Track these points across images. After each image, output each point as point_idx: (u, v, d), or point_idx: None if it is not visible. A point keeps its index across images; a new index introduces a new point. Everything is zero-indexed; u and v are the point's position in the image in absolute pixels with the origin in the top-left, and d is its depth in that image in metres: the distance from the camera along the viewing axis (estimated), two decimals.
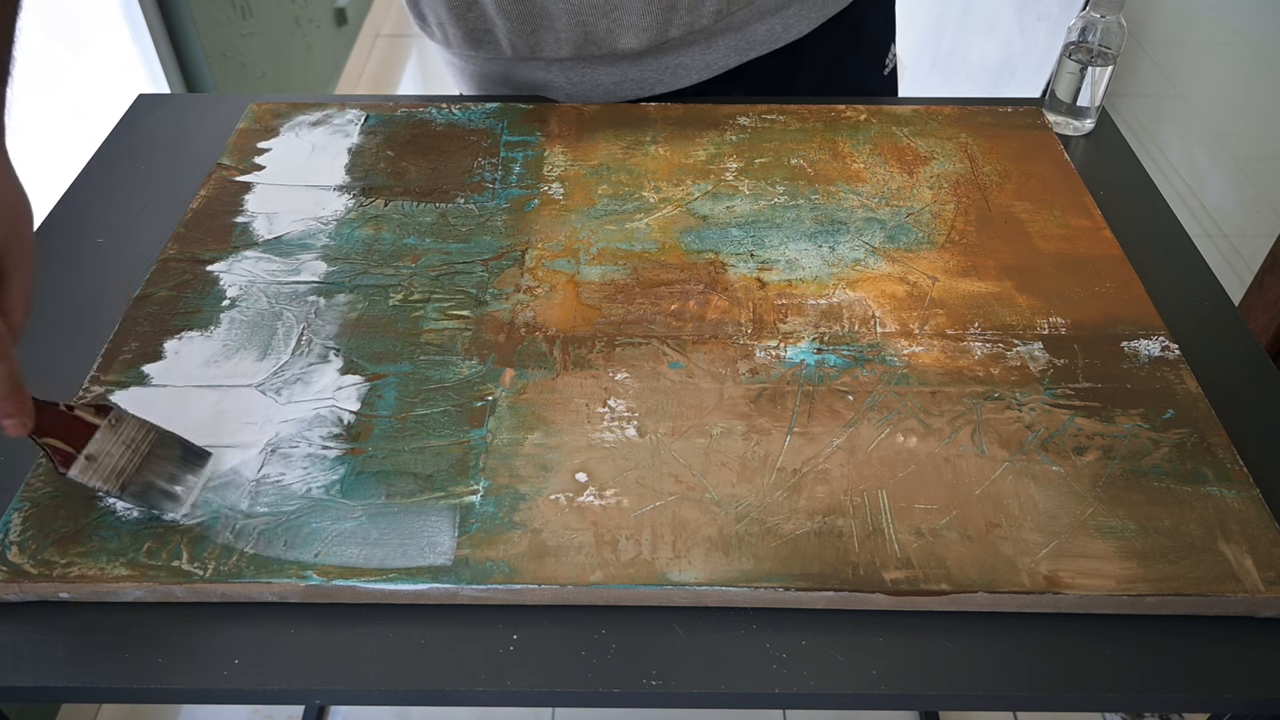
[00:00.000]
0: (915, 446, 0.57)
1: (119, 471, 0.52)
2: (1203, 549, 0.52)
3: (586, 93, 0.88)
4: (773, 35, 0.86)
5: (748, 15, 0.84)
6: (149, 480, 0.53)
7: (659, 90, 0.88)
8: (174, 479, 0.53)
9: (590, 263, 0.70)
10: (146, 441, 0.53)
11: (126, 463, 0.52)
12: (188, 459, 0.54)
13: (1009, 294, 0.67)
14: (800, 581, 0.51)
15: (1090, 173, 0.80)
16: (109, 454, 0.52)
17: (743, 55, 0.87)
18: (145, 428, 0.54)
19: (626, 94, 0.88)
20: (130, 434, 0.53)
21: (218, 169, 0.78)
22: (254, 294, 0.67)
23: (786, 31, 0.86)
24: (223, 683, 0.49)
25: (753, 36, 0.85)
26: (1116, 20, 0.80)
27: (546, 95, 0.89)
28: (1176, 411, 0.59)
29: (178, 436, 0.55)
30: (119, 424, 0.53)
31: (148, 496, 0.53)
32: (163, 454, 0.54)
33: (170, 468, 0.54)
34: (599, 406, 0.59)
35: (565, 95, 0.89)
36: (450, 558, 0.51)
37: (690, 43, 0.84)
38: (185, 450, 0.55)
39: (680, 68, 0.86)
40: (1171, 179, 2.17)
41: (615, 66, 0.85)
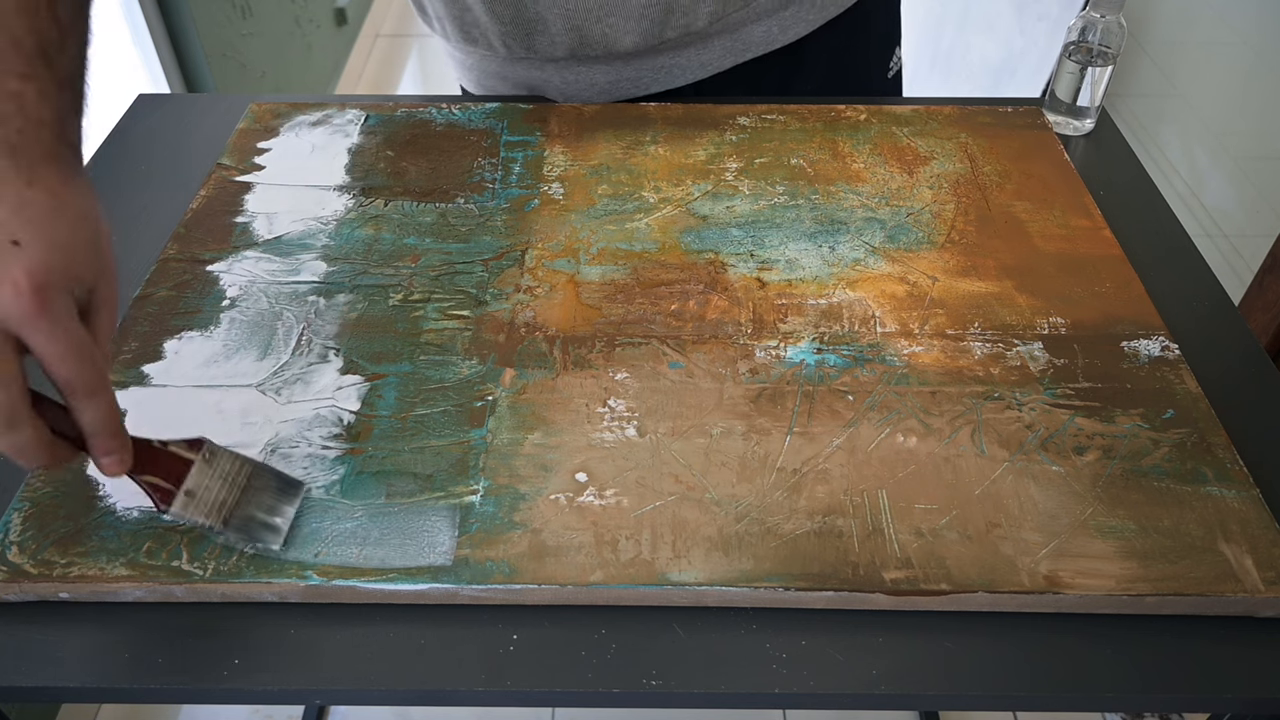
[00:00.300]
0: (915, 446, 0.57)
1: (220, 505, 0.51)
2: (1203, 549, 0.52)
3: (581, 91, 0.88)
4: (769, 37, 0.86)
5: (743, 17, 0.84)
6: (250, 513, 0.52)
7: (654, 89, 0.88)
8: (273, 510, 0.52)
9: (590, 263, 0.70)
10: (242, 474, 0.52)
11: (226, 496, 0.51)
12: (283, 489, 0.53)
13: (1009, 294, 0.67)
14: (800, 581, 0.51)
15: (1090, 173, 0.80)
16: (208, 488, 0.51)
17: (739, 56, 0.86)
18: (239, 461, 0.53)
19: (622, 93, 0.88)
20: (225, 467, 0.52)
21: (218, 169, 0.78)
22: (254, 294, 0.67)
23: (784, 33, 0.86)
24: (223, 683, 0.49)
25: (749, 38, 0.85)
26: (1116, 20, 0.80)
27: (542, 93, 0.89)
28: (1176, 411, 0.59)
29: (270, 467, 0.54)
30: (213, 458, 0.51)
31: (250, 529, 0.52)
32: (259, 485, 0.53)
33: (268, 499, 0.53)
34: (599, 406, 0.59)
35: (560, 94, 0.89)
36: (450, 558, 0.51)
37: (686, 44, 0.84)
38: (280, 480, 0.54)
39: (675, 68, 0.86)
40: (1171, 179, 2.17)
41: (610, 66, 0.85)
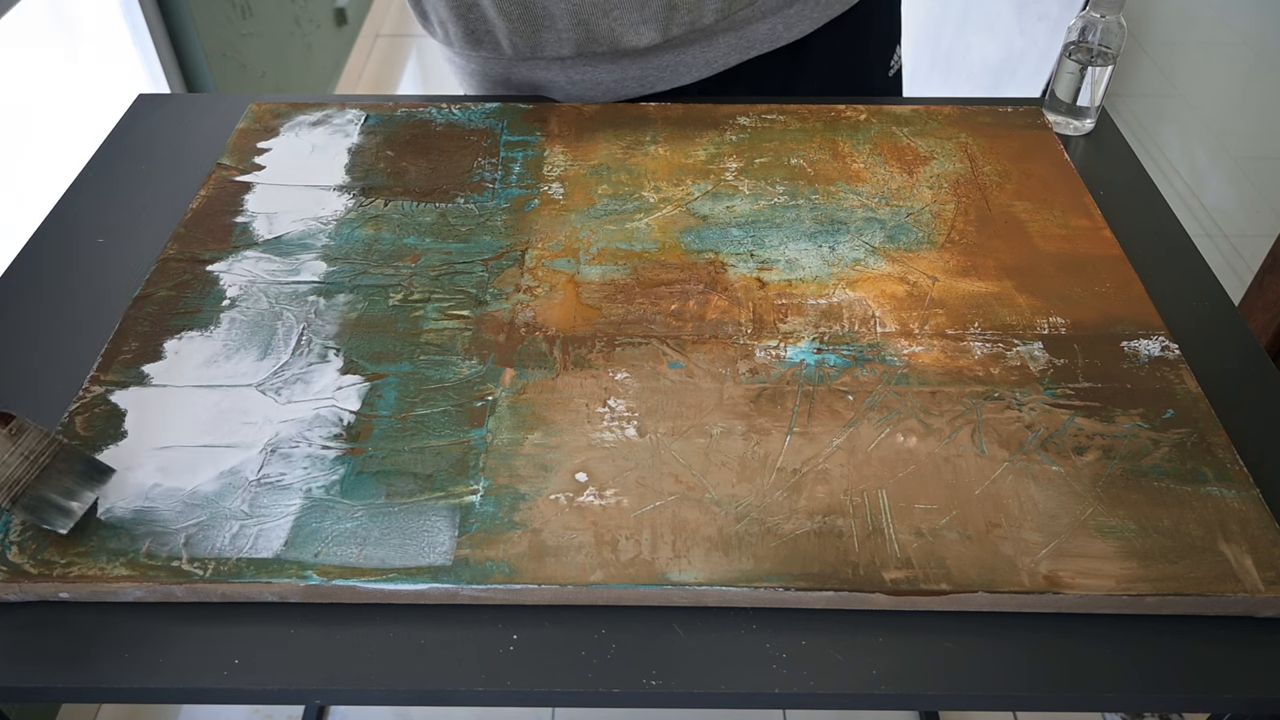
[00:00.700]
0: (915, 446, 0.57)
1: (13, 483, 0.51)
2: (1203, 549, 0.52)
3: (587, 91, 0.88)
4: (774, 34, 0.86)
5: (749, 14, 0.84)
6: (42, 494, 0.52)
7: (660, 88, 0.88)
8: (69, 494, 0.52)
9: (590, 263, 0.70)
10: (47, 454, 0.52)
11: (24, 474, 0.51)
12: (88, 474, 0.53)
13: (1009, 294, 0.67)
14: (800, 581, 0.51)
15: (1090, 173, 0.80)
16: (4, 464, 0.51)
17: (743, 54, 0.86)
18: (47, 440, 0.52)
19: (627, 92, 0.88)
20: (30, 445, 0.52)
21: (218, 169, 0.78)
22: (254, 294, 0.67)
23: (788, 31, 0.86)
24: (223, 683, 0.49)
25: (753, 35, 0.85)
26: (1116, 20, 0.80)
27: (547, 94, 0.89)
28: (1176, 411, 0.59)
29: (81, 452, 0.54)
30: (19, 434, 0.52)
31: (39, 509, 0.52)
32: (63, 467, 0.52)
33: (68, 482, 0.52)
34: (599, 406, 0.59)
35: (565, 94, 0.89)
36: (450, 558, 0.51)
37: (691, 41, 0.84)
38: (87, 465, 0.53)
39: (681, 65, 0.86)
40: (1171, 179, 2.17)
41: (616, 64, 0.85)
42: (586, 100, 0.89)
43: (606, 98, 0.88)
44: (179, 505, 0.54)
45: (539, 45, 0.83)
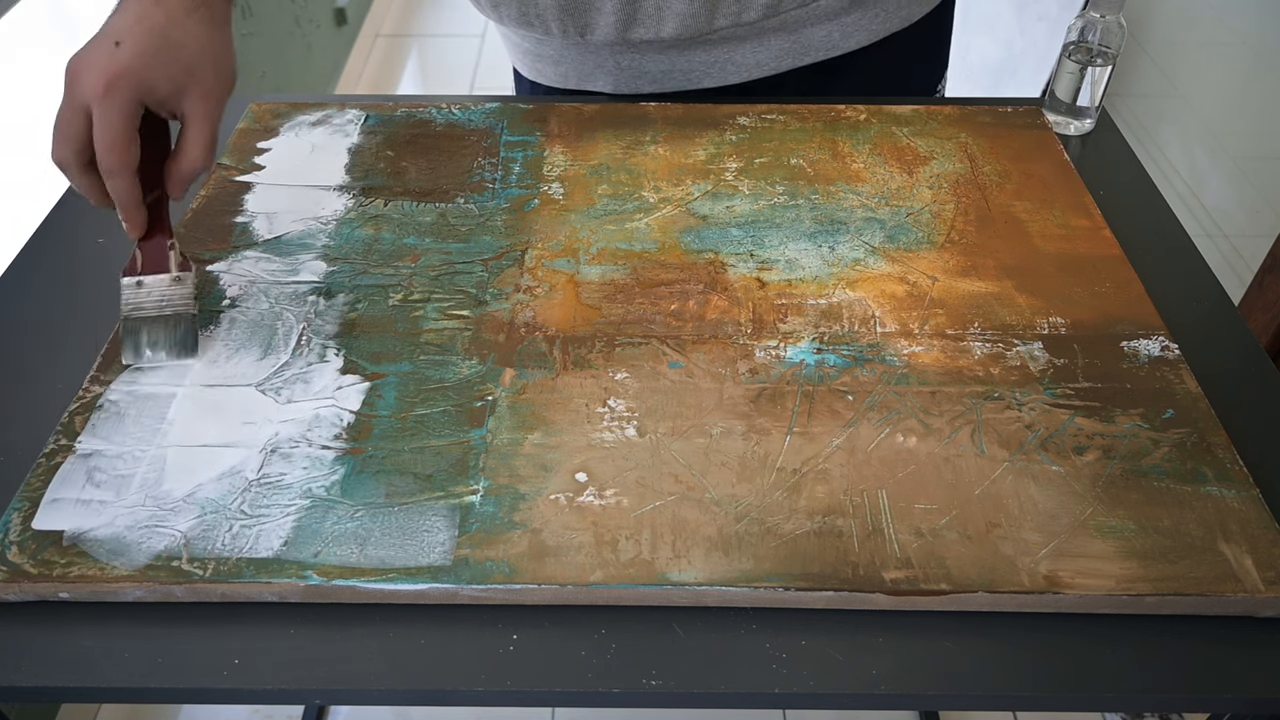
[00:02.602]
0: (915, 446, 0.57)
1: (140, 306, 0.62)
2: (1203, 549, 0.52)
3: (634, 81, 0.87)
4: (830, 41, 0.85)
5: (803, 17, 0.83)
6: (141, 331, 0.62)
7: (706, 84, 0.87)
8: (155, 344, 0.62)
9: (590, 263, 0.70)
10: (173, 308, 0.62)
11: (151, 306, 0.62)
12: (182, 346, 0.62)
13: (1009, 294, 0.67)
14: (800, 581, 0.51)
15: (1090, 173, 0.80)
16: (149, 292, 0.62)
17: (797, 59, 0.86)
18: (186, 303, 0.63)
19: (674, 85, 0.87)
20: (175, 293, 0.63)
21: (218, 169, 0.78)
22: (254, 294, 0.67)
23: (845, 40, 0.85)
24: (223, 683, 0.49)
25: (809, 40, 0.85)
26: (1116, 20, 0.80)
27: (595, 81, 0.89)
28: (1176, 411, 0.59)
29: (194, 329, 0.63)
30: (177, 284, 0.63)
31: (132, 335, 0.62)
32: (170, 324, 0.62)
33: (162, 336, 0.62)
34: (599, 406, 0.59)
35: (614, 82, 0.88)
36: (450, 558, 0.51)
37: (741, 38, 0.84)
38: (185, 339, 0.62)
39: (730, 63, 0.86)
40: (1171, 179, 2.17)
41: (663, 55, 0.85)
42: (634, 90, 0.88)
43: (653, 89, 0.88)
44: (179, 505, 0.54)
45: (586, 26, 0.83)
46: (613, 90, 0.89)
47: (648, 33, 0.82)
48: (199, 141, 0.59)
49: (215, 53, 0.59)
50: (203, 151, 0.60)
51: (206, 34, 0.59)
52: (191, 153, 0.59)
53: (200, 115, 0.59)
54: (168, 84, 0.58)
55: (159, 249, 0.63)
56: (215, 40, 0.60)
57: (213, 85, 0.59)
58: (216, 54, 0.60)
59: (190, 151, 0.60)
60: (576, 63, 0.89)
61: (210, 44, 0.59)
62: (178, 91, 0.58)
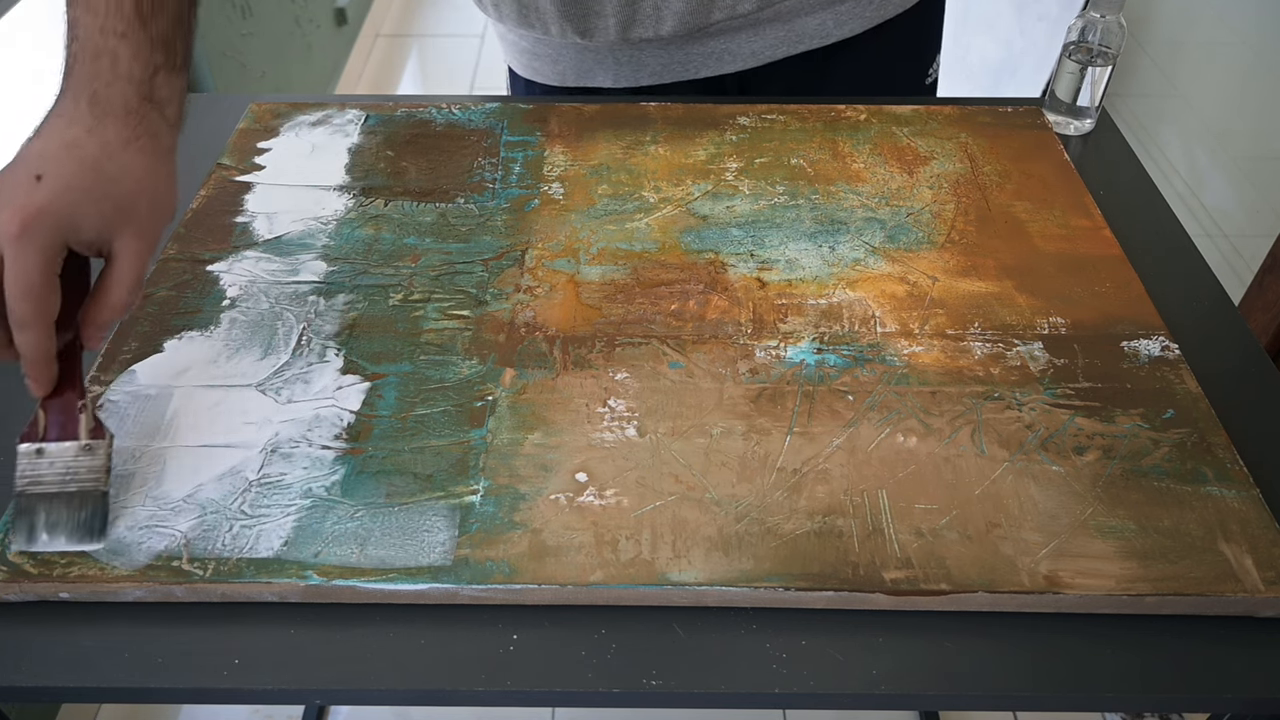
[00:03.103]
0: (915, 446, 0.57)
1: (38, 480, 0.52)
2: (1203, 549, 0.52)
3: (633, 74, 0.88)
4: (824, 30, 0.86)
5: (797, 6, 0.83)
6: (36, 511, 0.51)
7: (703, 74, 0.88)
8: (52, 527, 0.51)
9: (590, 263, 0.70)
10: (79, 483, 0.52)
11: (53, 479, 0.52)
12: (86, 527, 0.52)
13: (1009, 294, 0.67)
14: (800, 581, 0.51)
15: (1090, 173, 0.80)
16: (53, 464, 0.52)
17: (792, 46, 0.86)
18: (98, 476, 0.52)
19: (671, 76, 0.88)
20: (84, 465, 0.52)
21: (218, 169, 0.78)
22: (254, 294, 0.67)
23: (839, 28, 0.86)
24: (223, 683, 0.49)
25: (803, 29, 0.85)
26: (1116, 20, 0.80)
27: (593, 79, 0.89)
28: (1176, 411, 0.59)
29: (105, 510, 0.53)
30: (87, 454, 0.52)
31: (20, 517, 0.51)
32: (74, 502, 0.52)
33: (63, 519, 0.52)
34: (599, 406, 0.59)
35: (612, 78, 0.89)
36: (450, 558, 0.51)
37: (736, 29, 0.84)
38: (92, 519, 0.52)
39: (726, 53, 0.86)
40: (1171, 179, 2.17)
41: (662, 50, 0.86)
42: (632, 84, 0.89)
43: (650, 81, 0.88)
44: (179, 505, 0.54)
45: (586, 29, 0.83)
46: (611, 85, 0.89)
47: (647, 31, 0.82)
48: (124, 283, 0.52)
49: (154, 187, 0.53)
50: (128, 294, 0.52)
51: (146, 167, 0.52)
52: (115, 295, 0.52)
53: (130, 254, 0.52)
54: (97, 223, 0.50)
55: (67, 411, 0.52)
56: (156, 173, 0.53)
57: (147, 224, 0.52)
58: (155, 189, 0.53)
59: (114, 294, 0.52)
60: (575, 61, 0.89)
61: (148, 177, 0.52)
62: (107, 231, 0.51)
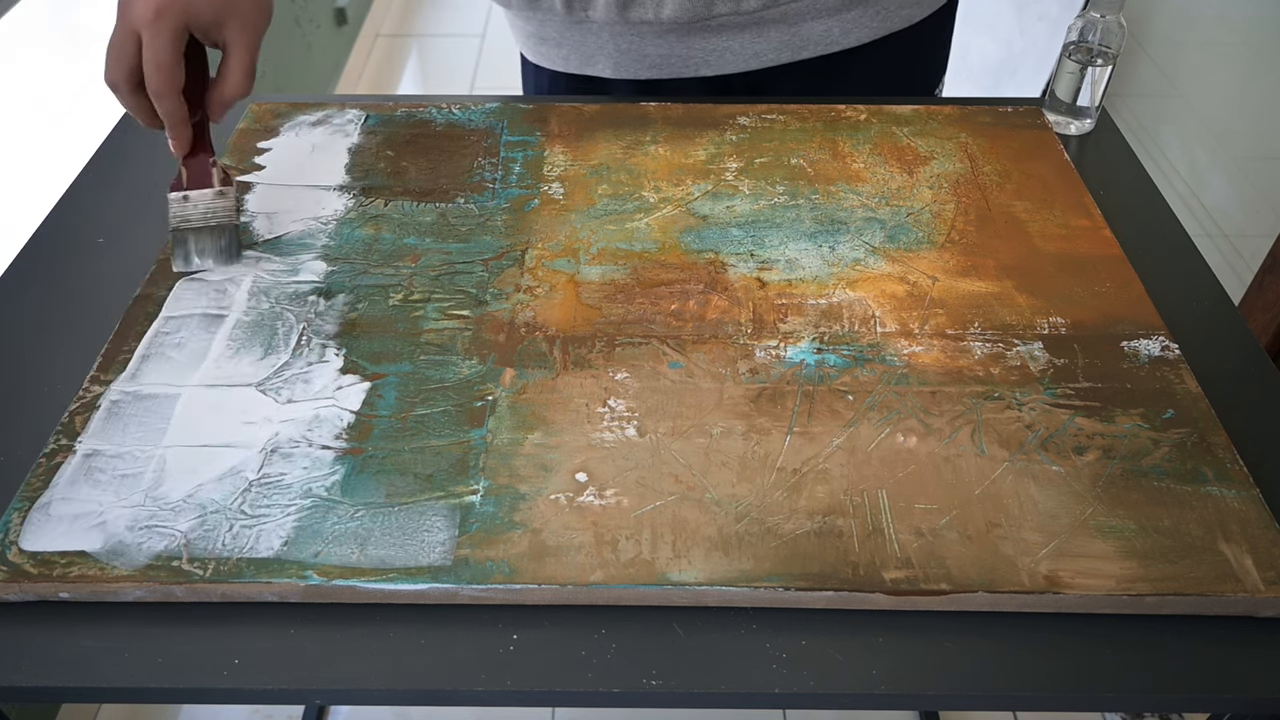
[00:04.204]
0: (915, 446, 0.57)
1: (186, 219, 0.68)
2: (1203, 549, 0.52)
3: (633, 64, 0.88)
4: (829, 37, 0.86)
5: (802, 10, 0.83)
6: (187, 240, 0.68)
7: (704, 72, 0.88)
8: (202, 253, 0.68)
9: (590, 262, 0.70)
10: (218, 219, 0.69)
11: (197, 217, 0.68)
12: (227, 251, 0.69)
13: (1009, 294, 0.67)
14: (800, 581, 0.51)
15: (1090, 173, 0.80)
16: (196, 205, 0.68)
17: (795, 52, 0.86)
18: (229, 214, 0.69)
19: (672, 70, 0.88)
20: (221, 204, 0.69)
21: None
22: (254, 294, 0.67)
23: (844, 36, 0.86)
24: (223, 683, 0.49)
25: (807, 34, 0.85)
26: (1116, 20, 0.80)
27: (595, 64, 0.89)
28: (1176, 411, 0.59)
29: (238, 236, 0.70)
30: (221, 198, 0.69)
31: (180, 245, 0.68)
32: (215, 234, 0.68)
33: (208, 244, 0.68)
34: (599, 406, 0.59)
35: (614, 66, 0.89)
36: (450, 558, 0.51)
37: (740, 26, 0.84)
38: (230, 245, 0.69)
39: (728, 52, 0.86)
40: (1171, 179, 2.17)
41: (662, 39, 0.86)
42: (633, 75, 0.89)
43: (651, 74, 0.88)
44: (179, 505, 0.54)
45: (589, 4, 0.84)
46: (612, 74, 0.89)
47: (646, 13, 0.83)
48: (239, 68, 0.65)
49: None
50: (242, 77, 0.65)
51: None
52: (233, 78, 0.65)
53: (240, 44, 0.65)
54: (211, 14, 0.63)
55: (202, 166, 0.68)
56: None
57: (251, 17, 0.65)
58: None
59: (231, 77, 0.65)
60: (578, 44, 0.89)
61: None
62: (219, 22, 0.64)
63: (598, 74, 0.90)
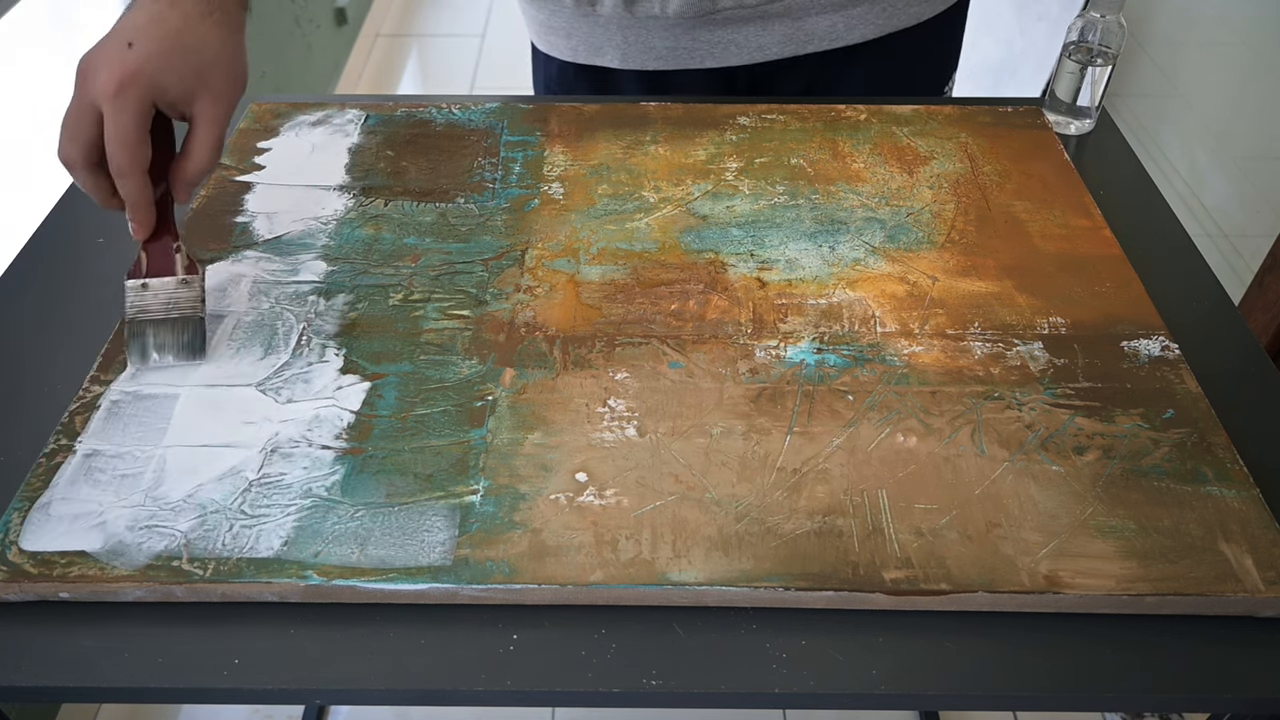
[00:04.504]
0: (915, 446, 0.57)
1: (145, 309, 0.62)
2: (1203, 549, 0.52)
3: (640, 55, 0.88)
4: (834, 32, 0.86)
5: (807, 4, 0.84)
6: (145, 332, 0.62)
7: (709, 64, 0.88)
8: (160, 348, 0.62)
9: (590, 262, 0.70)
10: (179, 310, 0.63)
11: (157, 308, 0.62)
12: (189, 346, 0.62)
13: (1009, 294, 0.67)
14: (800, 581, 0.51)
15: (1090, 173, 0.80)
16: (156, 294, 0.62)
17: (800, 46, 0.87)
18: (193, 305, 0.63)
19: (678, 62, 0.88)
20: (181, 295, 0.63)
21: (218, 169, 0.78)
22: (254, 294, 0.67)
23: (849, 32, 0.86)
24: (223, 683, 0.49)
25: (812, 29, 0.85)
26: (1116, 20, 0.80)
27: (602, 55, 0.90)
28: (1176, 411, 0.59)
29: (204, 332, 0.63)
30: (186, 285, 0.63)
31: (137, 338, 0.62)
32: (176, 327, 0.62)
33: (168, 338, 0.62)
34: (599, 406, 0.59)
35: (621, 56, 0.89)
36: (450, 558, 0.51)
37: (744, 19, 0.85)
38: (193, 339, 0.62)
39: (732, 44, 0.86)
40: (1171, 179, 2.17)
41: (668, 31, 0.86)
42: (640, 66, 0.89)
43: (658, 65, 0.89)
44: (179, 505, 0.54)
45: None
46: (619, 65, 0.90)
47: (653, 8, 0.83)
48: (206, 143, 0.60)
49: (228, 57, 0.60)
50: (210, 153, 0.60)
51: (220, 38, 0.60)
52: (199, 154, 0.60)
53: (209, 118, 0.60)
54: (179, 86, 0.58)
55: (164, 251, 0.63)
56: (229, 44, 0.61)
57: (223, 89, 0.60)
58: (229, 58, 0.61)
59: (197, 153, 0.60)
60: (586, 35, 0.89)
61: (224, 48, 0.60)
62: (188, 94, 0.59)
63: (605, 64, 0.91)
